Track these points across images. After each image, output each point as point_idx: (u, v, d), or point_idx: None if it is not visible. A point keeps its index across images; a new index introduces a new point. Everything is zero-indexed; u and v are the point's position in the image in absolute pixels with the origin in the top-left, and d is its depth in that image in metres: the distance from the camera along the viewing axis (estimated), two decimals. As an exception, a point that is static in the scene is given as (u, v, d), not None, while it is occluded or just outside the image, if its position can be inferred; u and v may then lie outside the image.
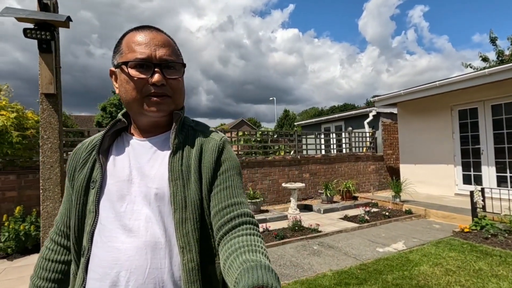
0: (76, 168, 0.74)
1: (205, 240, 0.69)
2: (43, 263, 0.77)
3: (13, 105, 4.71)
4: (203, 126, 0.82)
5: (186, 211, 0.67)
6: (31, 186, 4.68)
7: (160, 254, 0.65)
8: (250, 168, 6.67)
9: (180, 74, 0.74)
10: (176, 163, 0.70)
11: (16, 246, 4.00)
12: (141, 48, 0.69)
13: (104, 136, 0.73)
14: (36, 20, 1.83)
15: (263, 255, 0.58)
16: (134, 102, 0.70)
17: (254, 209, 5.90)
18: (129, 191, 0.69)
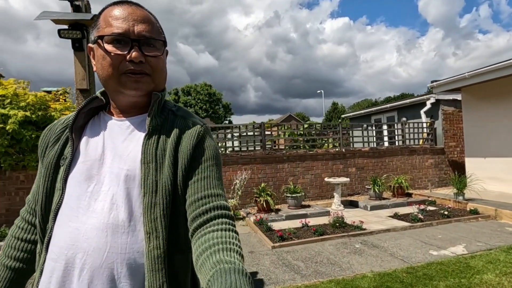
0: (48, 145, 0.72)
1: (174, 228, 0.66)
2: (12, 242, 0.75)
3: (75, 106, 5.31)
4: (185, 112, 0.78)
5: (156, 195, 0.64)
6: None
7: (121, 238, 0.62)
8: (291, 162, 6.52)
9: (161, 52, 0.71)
10: (150, 145, 0.67)
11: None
12: (118, 22, 0.66)
13: (79, 113, 0.70)
14: (69, 21, 1.98)
15: (237, 254, 0.55)
16: (111, 79, 0.67)
17: (295, 203, 5.75)
18: (98, 171, 0.66)
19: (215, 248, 0.56)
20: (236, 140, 6.83)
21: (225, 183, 5.94)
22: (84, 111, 0.72)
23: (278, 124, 8.34)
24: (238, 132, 7.11)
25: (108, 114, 0.75)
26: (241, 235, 4.45)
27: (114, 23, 0.66)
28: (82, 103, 0.72)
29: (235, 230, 0.63)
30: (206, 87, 33.96)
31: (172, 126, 0.72)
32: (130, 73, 0.67)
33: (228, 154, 6.18)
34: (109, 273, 0.60)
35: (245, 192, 6.09)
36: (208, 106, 33.28)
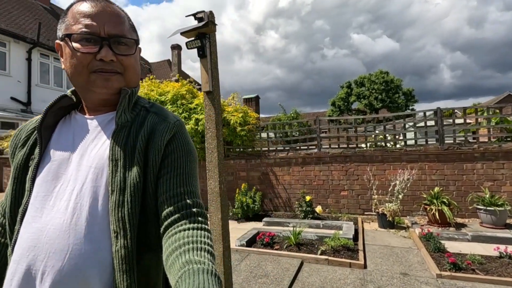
0: (18, 145, 0.72)
1: (144, 227, 0.64)
2: None
3: (242, 108, 6.25)
4: (159, 108, 0.75)
5: (125, 193, 0.62)
6: (254, 168, 6.00)
7: (86, 239, 0.59)
8: (488, 160, 4.59)
9: (133, 50, 0.69)
10: (119, 142, 0.65)
11: (242, 213, 5.31)
12: (87, 20, 0.64)
13: (48, 112, 0.69)
14: (192, 33, 2.28)
15: (208, 254, 0.54)
16: (80, 77, 0.66)
17: (492, 220, 4.01)
18: (65, 171, 0.65)
19: (185, 248, 0.54)
20: (400, 132, 5.62)
21: (383, 183, 5.06)
22: (53, 111, 0.71)
23: (477, 106, 6.08)
24: (394, 123, 5.83)
25: (79, 113, 0.74)
26: (398, 249, 3.62)
27: (83, 21, 0.64)
28: (50, 102, 0.72)
29: (207, 229, 0.61)
30: (382, 75, 30.85)
31: (143, 122, 0.70)
32: (100, 71, 0.65)
33: (387, 149, 5.21)
34: (73, 275, 0.57)
35: (411, 197, 4.92)
36: (384, 95, 30.12)
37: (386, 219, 4.50)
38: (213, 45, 2.42)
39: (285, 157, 5.76)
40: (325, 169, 5.49)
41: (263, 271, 3.06)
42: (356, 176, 5.28)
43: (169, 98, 6.16)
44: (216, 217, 2.42)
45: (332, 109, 30.74)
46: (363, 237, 4.09)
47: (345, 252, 3.43)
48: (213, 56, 2.41)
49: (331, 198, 5.45)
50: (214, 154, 2.41)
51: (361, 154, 5.28)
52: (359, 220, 4.86)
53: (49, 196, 0.63)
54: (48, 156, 0.67)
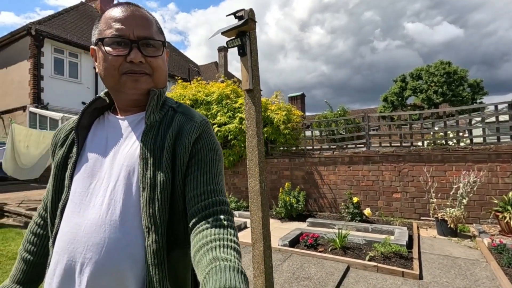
0: (57, 144, 0.77)
1: (173, 224, 0.66)
2: (29, 237, 0.80)
3: (285, 105, 6.17)
4: (186, 108, 0.78)
5: (155, 191, 0.64)
6: (298, 167, 5.88)
7: (120, 233, 0.63)
8: None
9: (160, 52, 0.72)
10: (148, 141, 0.68)
11: (285, 213, 5.24)
12: (117, 24, 0.68)
13: (84, 113, 0.74)
14: (232, 32, 2.28)
15: (234, 251, 0.55)
16: (112, 79, 0.70)
17: None
18: (100, 168, 0.69)
19: (212, 245, 0.55)
20: (465, 128, 4.97)
21: (443, 185, 4.54)
22: (89, 111, 0.76)
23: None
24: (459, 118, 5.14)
25: (112, 113, 0.78)
26: (461, 260, 3.23)
27: (114, 25, 0.68)
28: (86, 104, 0.76)
29: (233, 227, 0.62)
30: (442, 66, 27.91)
31: (171, 122, 0.72)
32: (130, 73, 0.69)
33: (449, 148, 4.65)
34: (109, 267, 0.61)
35: (478, 202, 4.33)
36: (445, 88, 27.22)
37: (447, 226, 4.03)
38: (253, 43, 2.40)
39: (330, 156, 5.53)
40: (374, 169, 5.12)
41: (306, 273, 2.97)
42: (411, 177, 4.83)
43: (215, 98, 6.35)
44: (257, 216, 2.40)
45: (384, 105, 28.70)
46: (419, 244, 3.71)
47: (397, 260, 3.15)
48: (253, 54, 2.39)
49: (381, 200, 5.07)
50: (255, 152, 2.40)
51: (416, 153, 4.81)
52: (414, 226, 4.43)
53: (86, 192, 0.68)
54: (85, 155, 0.72)
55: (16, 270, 0.78)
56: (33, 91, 10.95)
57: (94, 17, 15.64)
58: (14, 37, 11.55)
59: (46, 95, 11.31)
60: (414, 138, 5.29)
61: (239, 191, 6.43)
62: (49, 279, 0.66)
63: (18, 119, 10.70)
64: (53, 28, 11.84)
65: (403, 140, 5.20)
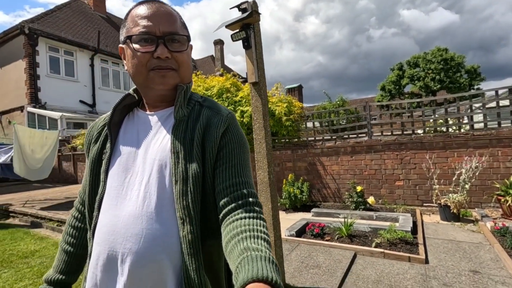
0: (91, 141, 0.80)
1: (206, 215, 0.68)
2: (69, 230, 0.84)
3: (286, 97, 6.17)
4: (212, 102, 0.79)
5: (187, 183, 0.67)
6: (300, 159, 5.92)
7: (156, 224, 0.65)
8: None
9: (185, 47, 0.74)
10: (178, 135, 0.71)
11: (289, 204, 5.30)
12: (144, 21, 0.70)
13: (115, 111, 0.77)
14: (236, 24, 2.28)
15: (265, 242, 0.56)
16: (140, 75, 0.72)
17: None
18: (134, 163, 0.72)
19: (242, 235, 0.57)
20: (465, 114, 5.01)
21: (445, 172, 4.59)
22: (120, 108, 0.78)
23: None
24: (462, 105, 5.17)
25: (141, 109, 0.80)
26: (465, 244, 3.29)
27: (140, 22, 0.70)
28: (117, 101, 0.79)
29: (263, 218, 0.64)
30: (439, 53, 27.82)
31: (198, 116, 0.74)
32: (158, 68, 0.70)
33: (450, 134, 4.69)
34: (148, 257, 0.64)
35: (480, 187, 4.39)
36: (443, 75, 27.18)
37: (450, 211, 4.10)
38: (258, 35, 2.39)
39: (332, 146, 5.56)
40: (377, 158, 5.17)
41: (315, 261, 3.03)
42: (413, 164, 4.88)
43: (215, 92, 6.33)
44: (267, 207, 2.44)
45: (382, 94, 28.63)
46: (423, 230, 3.78)
47: (402, 246, 3.22)
48: (258, 46, 2.39)
49: (384, 189, 5.13)
50: (263, 144, 2.42)
51: (418, 141, 4.85)
52: (418, 212, 4.50)
53: (121, 186, 0.71)
54: (118, 150, 0.75)
55: (58, 261, 0.82)
56: (30, 91, 10.87)
57: (87, 13, 15.41)
58: (7, 36, 11.40)
59: (43, 94, 11.23)
60: (416, 126, 5.32)
61: (242, 184, 6.47)
62: (93, 269, 0.69)
63: (16, 119, 10.63)
64: (47, 26, 11.67)
65: (404, 128, 5.24)
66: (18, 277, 2.95)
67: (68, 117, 10.60)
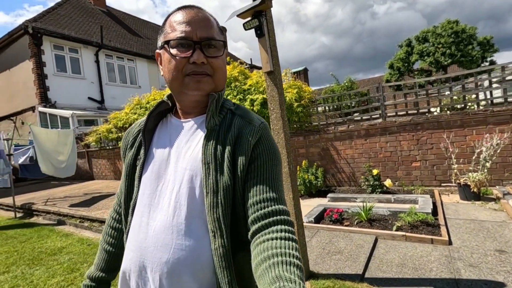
0: (127, 147, 0.82)
1: (236, 228, 0.67)
2: (108, 230, 0.87)
3: (296, 83, 6.06)
4: (244, 110, 0.78)
5: (218, 195, 0.65)
6: (313, 144, 5.87)
7: (186, 235, 0.65)
8: None
9: (221, 52, 0.73)
10: (210, 145, 0.69)
11: (305, 190, 5.31)
12: (181, 26, 0.70)
13: (149, 117, 0.78)
14: (248, 12, 2.20)
15: (298, 269, 0.53)
16: (176, 81, 0.71)
17: None
18: (165, 171, 0.72)
19: (274, 260, 0.55)
20: (484, 90, 4.82)
21: (464, 150, 4.49)
22: (154, 115, 0.79)
23: None
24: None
25: (174, 116, 0.80)
26: (491, 223, 3.25)
27: (178, 28, 0.70)
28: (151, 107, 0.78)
29: (295, 239, 0.60)
30: (450, 25, 26.74)
31: (230, 125, 0.73)
32: (193, 74, 0.70)
33: (468, 112, 4.56)
34: (178, 268, 0.64)
35: (501, 164, 4.29)
36: (454, 49, 26.25)
37: (470, 190, 4.03)
38: (270, 22, 2.32)
39: (345, 130, 5.49)
40: (392, 140, 5.08)
41: (336, 247, 3.04)
42: (430, 145, 4.78)
43: (223, 82, 6.27)
44: (288, 197, 2.44)
45: (390, 72, 27.90)
46: (443, 211, 3.74)
47: (424, 228, 3.20)
48: (271, 33, 2.32)
49: (400, 171, 5.07)
50: (281, 135, 2.39)
51: (435, 120, 4.73)
52: (436, 193, 4.45)
53: (154, 194, 0.71)
54: (151, 157, 0.75)
55: (98, 259, 0.85)
56: (40, 91, 10.98)
57: (87, 8, 15.27)
58: (12, 37, 11.44)
59: (52, 93, 11.34)
60: (432, 104, 5.17)
61: (255, 173, 6.49)
62: (126, 275, 0.70)
63: (28, 119, 10.83)
64: (49, 24, 11.64)
65: (419, 108, 5.10)
66: (50, 274, 3.06)
67: (79, 115, 10.72)
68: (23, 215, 6.15)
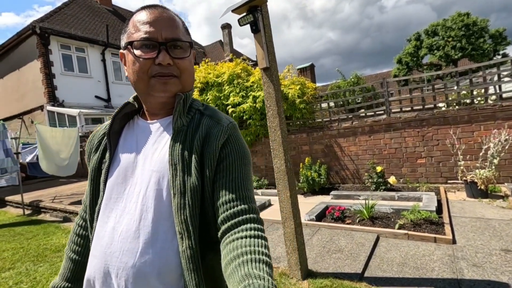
0: (92, 150, 0.79)
1: (205, 228, 0.67)
2: (73, 238, 0.83)
3: (299, 79, 5.99)
4: (212, 110, 0.77)
5: (185, 196, 0.64)
6: (317, 141, 5.81)
7: (153, 238, 0.64)
8: None
9: (188, 53, 0.71)
10: (177, 146, 0.68)
11: (308, 188, 5.26)
12: (145, 27, 0.68)
13: (115, 119, 0.75)
14: (243, 8, 2.16)
15: (267, 266, 0.54)
16: (141, 82, 0.70)
17: None
18: (132, 174, 0.70)
19: (243, 259, 0.55)
20: (493, 84, 4.67)
21: (471, 146, 4.37)
22: (119, 117, 0.76)
23: None
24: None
25: (141, 118, 0.78)
26: (498, 221, 3.16)
27: (142, 28, 0.68)
28: (116, 109, 0.77)
29: (264, 237, 0.61)
30: (460, 18, 26.10)
31: (198, 126, 0.71)
32: (159, 75, 0.68)
33: (476, 107, 4.42)
34: (145, 272, 0.63)
35: (510, 160, 4.16)
36: (464, 42, 25.61)
37: (477, 188, 3.92)
38: (266, 17, 2.27)
39: (349, 126, 5.40)
40: (396, 136, 4.98)
41: (336, 246, 3.00)
42: (436, 141, 4.67)
43: (226, 79, 6.24)
44: (285, 195, 2.41)
45: (399, 67, 27.42)
46: (449, 209, 3.65)
47: (427, 226, 3.13)
48: (267, 29, 2.28)
49: (405, 167, 4.97)
50: (277, 132, 2.35)
51: (441, 116, 4.61)
52: (442, 190, 4.35)
53: (120, 197, 0.69)
54: (117, 160, 0.73)
55: (64, 269, 0.82)
56: (48, 90, 11.16)
57: (94, 7, 15.41)
58: (21, 38, 11.63)
59: (60, 92, 11.52)
60: (438, 100, 5.04)
61: (258, 170, 6.48)
62: (90, 283, 0.68)
63: (37, 118, 11.03)
64: (56, 24, 11.79)
65: (425, 103, 4.98)
66: (53, 270, 3.11)
67: (86, 113, 10.86)
68: (32, 212, 6.28)
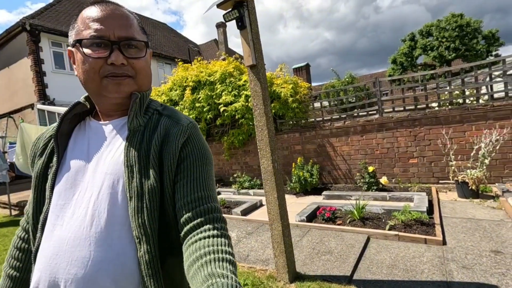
0: (37, 154, 0.73)
1: (165, 232, 0.64)
2: (13, 252, 0.74)
3: (291, 78, 5.95)
4: (171, 111, 0.74)
5: (143, 199, 0.61)
6: (309, 141, 5.76)
7: (106, 245, 0.59)
8: None
9: (143, 53, 0.68)
10: (133, 147, 0.65)
11: (300, 188, 5.21)
12: (96, 24, 0.63)
13: (63, 120, 0.69)
14: (228, 3, 2.10)
15: (230, 264, 0.52)
16: (92, 83, 0.65)
17: None
18: (83, 178, 0.65)
19: (206, 259, 0.53)
20: (484, 84, 4.67)
21: (463, 146, 4.36)
22: (69, 118, 0.70)
23: None
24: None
25: (94, 119, 0.73)
26: (489, 222, 3.14)
27: (92, 25, 0.63)
28: (65, 110, 0.71)
29: (227, 235, 0.60)
30: (454, 19, 26.34)
31: (156, 126, 0.68)
32: (112, 76, 0.64)
33: (467, 107, 4.41)
34: (96, 282, 0.57)
35: (501, 160, 4.15)
36: (458, 43, 25.85)
37: (468, 188, 3.91)
38: (252, 13, 2.21)
39: (342, 126, 5.37)
40: (389, 136, 4.96)
41: (326, 247, 2.96)
42: (428, 141, 4.65)
43: (218, 77, 6.17)
44: (272, 197, 2.35)
45: (393, 67, 27.59)
46: (440, 209, 3.63)
47: (418, 227, 3.09)
48: (253, 25, 2.21)
49: (397, 167, 4.95)
50: (264, 132, 2.29)
51: (433, 116, 4.60)
52: (433, 190, 4.33)
53: (68, 204, 0.63)
54: (66, 164, 0.67)
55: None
56: (38, 88, 10.95)
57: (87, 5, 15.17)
58: (10, 35, 11.40)
59: (51, 90, 11.30)
60: (430, 99, 5.03)
61: (251, 170, 6.41)
62: None
63: (28, 117, 10.82)
64: (47, 21, 11.57)
65: (417, 103, 4.96)
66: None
67: (77, 112, 10.67)
68: (19, 213, 6.14)
